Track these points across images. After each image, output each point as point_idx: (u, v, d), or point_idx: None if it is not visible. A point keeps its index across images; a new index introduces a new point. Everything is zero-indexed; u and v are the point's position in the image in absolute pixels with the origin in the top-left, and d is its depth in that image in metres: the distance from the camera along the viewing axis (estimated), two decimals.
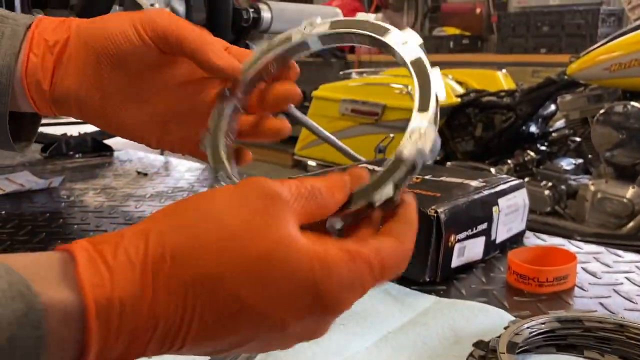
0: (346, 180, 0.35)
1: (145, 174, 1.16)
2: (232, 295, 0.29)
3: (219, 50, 0.46)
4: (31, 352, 0.25)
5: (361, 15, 0.45)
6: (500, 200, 0.70)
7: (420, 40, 0.42)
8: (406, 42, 0.42)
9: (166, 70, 0.49)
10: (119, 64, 0.47)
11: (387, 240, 0.34)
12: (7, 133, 0.50)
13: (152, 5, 1.01)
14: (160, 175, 1.15)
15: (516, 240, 0.77)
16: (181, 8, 1.09)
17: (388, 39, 0.43)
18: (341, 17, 0.47)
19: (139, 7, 1.00)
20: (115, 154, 1.35)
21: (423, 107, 0.38)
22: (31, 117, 0.55)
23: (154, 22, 0.46)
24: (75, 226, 0.85)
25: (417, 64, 0.41)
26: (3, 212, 0.90)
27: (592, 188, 2.43)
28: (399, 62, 0.43)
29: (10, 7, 0.77)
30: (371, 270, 0.32)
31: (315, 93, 3.35)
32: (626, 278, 0.66)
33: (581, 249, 0.75)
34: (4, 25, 0.48)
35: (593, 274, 0.67)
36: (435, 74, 0.40)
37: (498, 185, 0.72)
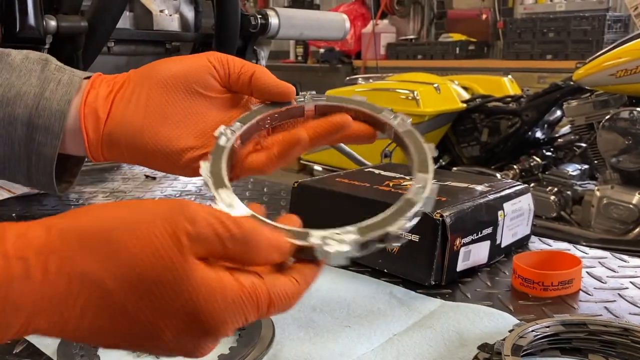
0: (289, 245, 0.36)
1: (154, 178, 1.17)
2: (113, 299, 0.31)
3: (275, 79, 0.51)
4: None
5: (356, 96, 0.51)
6: (506, 205, 0.71)
7: (409, 118, 0.48)
8: (397, 117, 0.48)
9: (209, 97, 0.51)
10: (179, 90, 0.49)
11: (284, 279, 0.35)
12: (52, 175, 0.52)
13: (161, 11, 1.03)
14: (168, 179, 1.16)
15: (521, 244, 0.77)
16: (190, 14, 1.11)
17: (382, 115, 0.49)
18: (336, 96, 0.52)
19: (149, 13, 1.01)
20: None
21: (423, 169, 0.44)
22: (75, 160, 0.57)
23: (227, 61, 0.50)
24: None
25: (409, 133, 0.47)
26: (14, 214, 0.91)
27: (598, 194, 2.42)
28: (388, 136, 0.49)
29: (24, 12, 0.78)
30: (257, 305, 0.34)
31: None
32: (631, 283, 0.66)
33: (586, 254, 0.76)
34: (60, 73, 0.51)
35: (598, 279, 0.67)
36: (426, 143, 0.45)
37: (503, 189, 0.72)
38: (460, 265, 0.66)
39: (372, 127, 0.51)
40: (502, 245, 0.72)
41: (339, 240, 0.37)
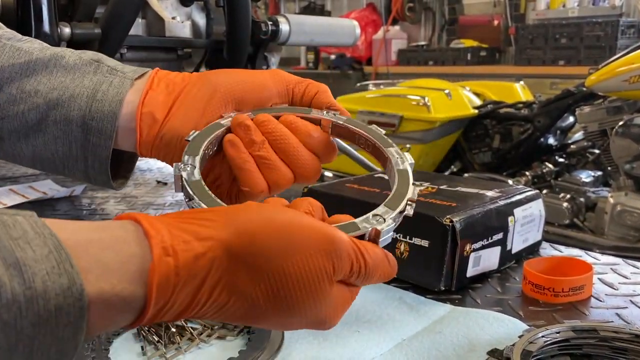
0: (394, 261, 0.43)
1: (165, 183, 1.18)
2: (255, 306, 0.36)
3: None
4: (75, 318, 0.30)
5: (375, 127, 0.52)
6: (516, 211, 0.70)
7: (411, 160, 0.49)
8: (401, 155, 0.49)
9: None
10: (234, 105, 0.51)
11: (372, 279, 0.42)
12: (108, 173, 0.54)
13: (173, 18, 1.04)
14: None
15: (532, 250, 0.77)
16: (202, 21, 1.12)
17: (388, 150, 0.49)
18: (356, 120, 0.53)
19: (161, 20, 1.02)
20: (136, 163, 1.37)
21: (392, 206, 0.44)
22: (129, 155, 0.58)
23: (290, 82, 0.53)
24: None
25: (403, 173, 0.47)
26: None
27: (611, 200, 2.40)
28: (386, 170, 0.50)
29: (39, 19, 0.80)
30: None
31: None
32: None
33: (598, 260, 0.75)
34: (112, 76, 0.52)
35: (610, 285, 0.67)
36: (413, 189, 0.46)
37: (514, 195, 0.72)
38: (470, 271, 0.65)
39: (375, 157, 0.51)
40: (513, 251, 0.72)
41: (383, 219, 0.42)
